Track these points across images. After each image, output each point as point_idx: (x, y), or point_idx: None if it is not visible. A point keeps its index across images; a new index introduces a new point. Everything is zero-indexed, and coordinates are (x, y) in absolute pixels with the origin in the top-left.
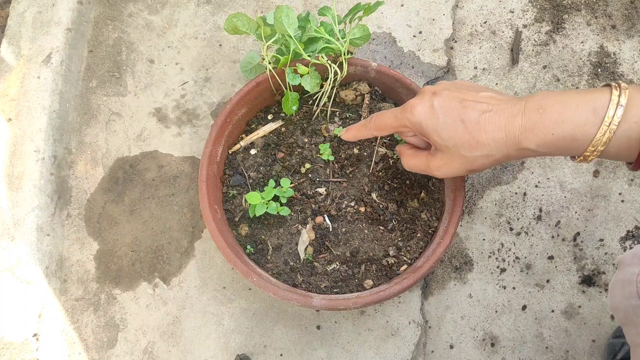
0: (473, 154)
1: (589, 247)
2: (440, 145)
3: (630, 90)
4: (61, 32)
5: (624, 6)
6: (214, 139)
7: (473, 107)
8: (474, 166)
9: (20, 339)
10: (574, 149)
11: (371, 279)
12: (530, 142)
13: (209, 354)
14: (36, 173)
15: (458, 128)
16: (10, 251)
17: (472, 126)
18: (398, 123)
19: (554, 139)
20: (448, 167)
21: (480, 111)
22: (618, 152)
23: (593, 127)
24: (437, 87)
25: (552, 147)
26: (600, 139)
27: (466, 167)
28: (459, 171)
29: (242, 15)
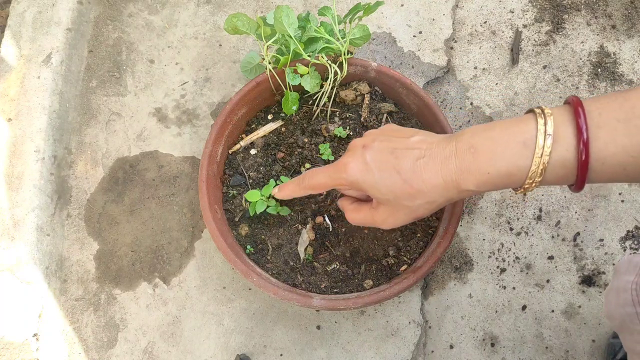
0: (415, 202)
1: (589, 247)
2: (381, 199)
3: (555, 115)
4: (61, 32)
5: (624, 6)
6: (214, 139)
7: (406, 156)
8: (419, 214)
9: (20, 339)
10: (512, 183)
11: (371, 279)
12: (468, 183)
13: (209, 354)
14: (36, 173)
15: (395, 180)
16: (10, 251)
17: (409, 176)
18: (333, 182)
19: (491, 177)
20: (394, 219)
21: (413, 158)
22: (556, 179)
23: (526, 160)
24: (366, 139)
25: (491, 185)
26: (535, 171)
27: (411, 216)
28: (405, 220)
29: (242, 15)
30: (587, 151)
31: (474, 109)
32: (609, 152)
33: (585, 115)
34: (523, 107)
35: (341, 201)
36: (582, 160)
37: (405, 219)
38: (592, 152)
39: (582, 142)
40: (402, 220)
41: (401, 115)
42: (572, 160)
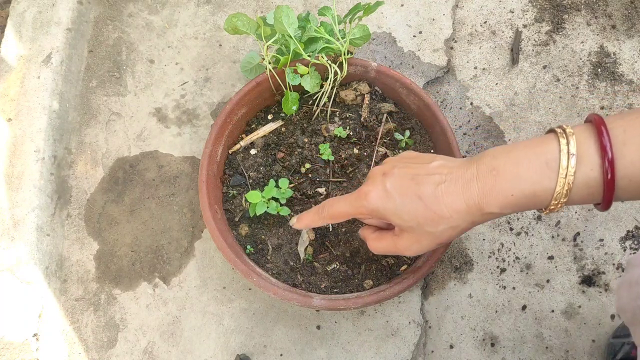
0: (438, 228)
1: (589, 247)
2: (403, 226)
3: (577, 134)
4: (61, 32)
5: (624, 6)
6: (214, 139)
7: (426, 181)
8: (443, 239)
9: (20, 339)
10: (537, 203)
11: (371, 279)
12: (492, 206)
13: (209, 354)
14: (36, 173)
15: (417, 206)
16: (10, 251)
17: (431, 201)
18: (354, 211)
19: (515, 199)
20: (418, 245)
21: (434, 184)
22: (582, 198)
23: (551, 181)
24: (385, 166)
25: (516, 206)
26: (560, 192)
27: (435, 242)
28: (429, 246)
29: (242, 15)
30: (612, 170)
31: (474, 109)
32: (635, 169)
33: (609, 132)
34: (523, 107)
35: (362, 230)
36: (608, 179)
37: (430, 245)
38: (617, 170)
39: (607, 161)
40: (426, 246)
41: (401, 115)
42: (598, 180)
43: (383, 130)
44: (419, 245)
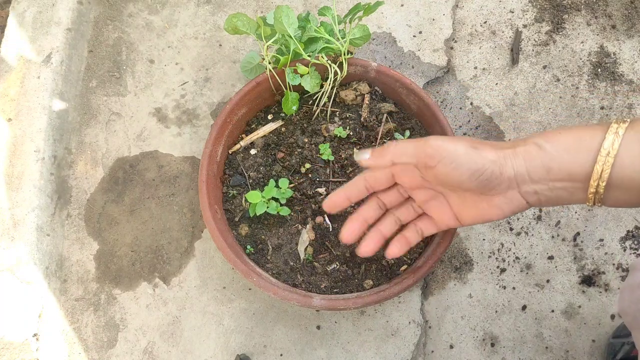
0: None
1: (589, 247)
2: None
3: (633, 123)
4: (61, 32)
5: (624, 6)
6: (214, 139)
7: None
8: (492, 208)
9: (20, 339)
10: (583, 152)
11: (371, 279)
12: (537, 138)
13: (209, 354)
14: (36, 173)
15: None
16: (10, 251)
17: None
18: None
19: (562, 137)
20: (450, 144)
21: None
22: (626, 190)
23: (600, 131)
24: None
25: (561, 144)
26: (599, 173)
27: (482, 206)
28: (479, 211)
29: (242, 15)
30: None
31: (474, 109)
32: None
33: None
34: (523, 107)
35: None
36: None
37: (478, 211)
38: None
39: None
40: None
41: (401, 115)
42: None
43: (383, 130)
44: (451, 143)
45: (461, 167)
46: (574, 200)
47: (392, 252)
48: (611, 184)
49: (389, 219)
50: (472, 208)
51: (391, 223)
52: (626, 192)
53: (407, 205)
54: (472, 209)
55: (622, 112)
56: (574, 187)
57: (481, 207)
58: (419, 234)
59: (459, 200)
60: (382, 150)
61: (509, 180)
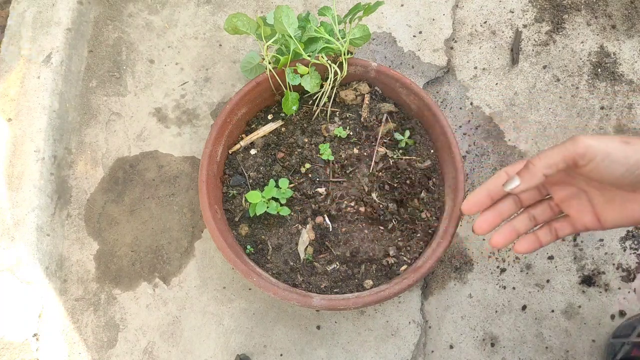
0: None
1: (589, 247)
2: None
3: None
4: (61, 32)
5: (624, 6)
6: (214, 139)
7: None
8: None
9: (20, 339)
10: None
11: (371, 279)
12: None
13: (209, 354)
14: (36, 173)
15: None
16: (10, 251)
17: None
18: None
19: None
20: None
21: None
22: None
23: None
24: None
25: None
26: None
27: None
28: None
29: (242, 15)
30: None
31: (474, 109)
32: None
33: None
34: (523, 107)
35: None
36: None
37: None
38: None
39: None
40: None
41: (401, 115)
42: None
43: (383, 130)
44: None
45: (615, 163)
46: None
47: (520, 248)
48: None
49: (524, 215)
50: (619, 207)
51: (525, 220)
52: None
53: (545, 204)
54: (618, 208)
55: (622, 112)
56: None
57: (629, 207)
58: (553, 235)
59: (603, 199)
60: (530, 169)
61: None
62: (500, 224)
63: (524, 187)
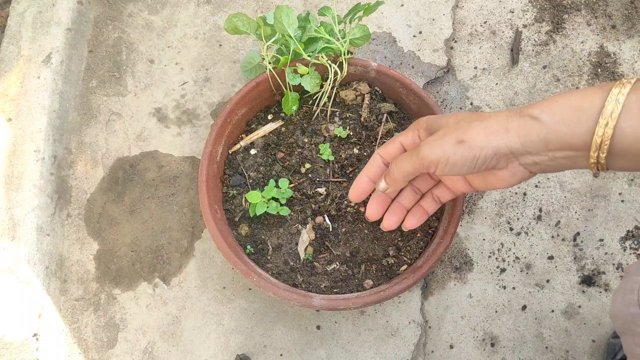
0: (473, 124)
1: (589, 247)
2: (440, 124)
3: (637, 84)
4: (61, 32)
5: (624, 6)
6: (214, 139)
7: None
8: (472, 140)
9: (20, 339)
10: (582, 122)
11: (371, 279)
12: (533, 109)
13: (209, 353)
14: (36, 173)
15: (458, 116)
16: (10, 251)
17: (472, 116)
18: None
19: (559, 106)
20: (442, 146)
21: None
22: (633, 156)
23: (599, 98)
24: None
25: (558, 115)
26: (599, 141)
27: (459, 141)
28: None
29: (242, 15)
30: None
31: (474, 109)
32: None
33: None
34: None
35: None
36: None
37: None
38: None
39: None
40: (450, 147)
41: (401, 115)
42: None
43: (383, 130)
44: (442, 144)
45: (456, 165)
46: (577, 167)
47: (408, 224)
48: (613, 153)
49: (408, 190)
50: (481, 179)
51: (411, 194)
52: (631, 160)
53: (425, 175)
54: (481, 180)
55: None
56: (575, 155)
57: (488, 180)
58: (437, 202)
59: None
60: (391, 176)
61: (506, 156)
62: (389, 204)
63: (391, 190)
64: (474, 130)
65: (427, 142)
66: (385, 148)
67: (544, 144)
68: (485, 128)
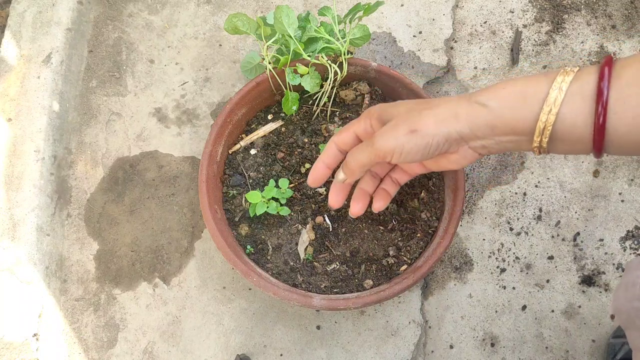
0: (423, 112)
1: (589, 247)
2: (392, 113)
3: (580, 73)
4: (61, 32)
5: (624, 6)
6: (214, 139)
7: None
8: (422, 128)
9: (20, 339)
10: (526, 108)
11: (371, 279)
12: (481, 96)
13: (209, 353)
14: (36, 173)
15: (409, 104)
16: (10, 251)
17: (422, 105)
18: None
19: (506, 93)
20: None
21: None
22: (570, 142)
23: (545, 85)
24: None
25: (504, 101)
26: (542, 126)
27: (412, 129)
28: (406, 137)
29: (242, 15)
30: (604, 115)
31: None
32: (628, 118)
33: (611, 74)
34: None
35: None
36: (600, 124)
37: (406, 135)
38: (610, 116)
39: (600, 105)
40: (403, 135)
41: None
42: (588, 123)
43: None
44: (395, 133)
45: (410, 153)
46: (520, 150)
47: (377, 206)
48: (554, 138)
49: (367, 176)
50: (434, 162)
51: (370, 179)
52: (568, 144)
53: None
54: (434, 163)
55: None
56: (519, 140)
57: (441, 162)
58: (396, 184)
59: None
60: (348, 167)
61: (457, 141)
62: (349, 191)
63: (350, 180)
64: (425, 120)
65: (380, 133)
66: (339, 136)
67: (490, 128)
68: (436, 116)
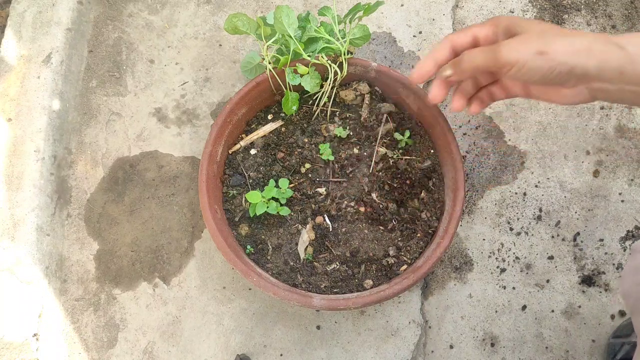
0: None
1: (589, 247)
2: (527, 28)
3: None
4: (61, 32)
5: (624, 6)
6: (214, 139)
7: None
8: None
9: (20, 339)
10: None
11: (371, 279)
12: (621, 38)
13: (209, 353)
14: (36, 173)
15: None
16: (10, 251)
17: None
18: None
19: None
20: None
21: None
22: None
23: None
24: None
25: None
26: None
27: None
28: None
29: (242, 15)
30: None
31: None
32: None
33: None
34: (523, 107)
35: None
36: None
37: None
38: None
39: None
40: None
41: (401, 115)
42: None
43: (383, 131)
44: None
45: (530, 72)
46: (635, 105)
47: (473, 110)
48: None
49: (469, 80)
50: (542, 90)
51: (470, 84)
52: None
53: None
54: (542, 90)
55: (621, 112)
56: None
57: (549, 93)
58: (490, 98)
59: None
60: (459, 65)
61: (578, 77)
62: (449, 91)
63: (454, 78)
64: (557, 45)
65: (507, 43)
66: (456, 35)
67: (619, 72)
68: (570, 45)
